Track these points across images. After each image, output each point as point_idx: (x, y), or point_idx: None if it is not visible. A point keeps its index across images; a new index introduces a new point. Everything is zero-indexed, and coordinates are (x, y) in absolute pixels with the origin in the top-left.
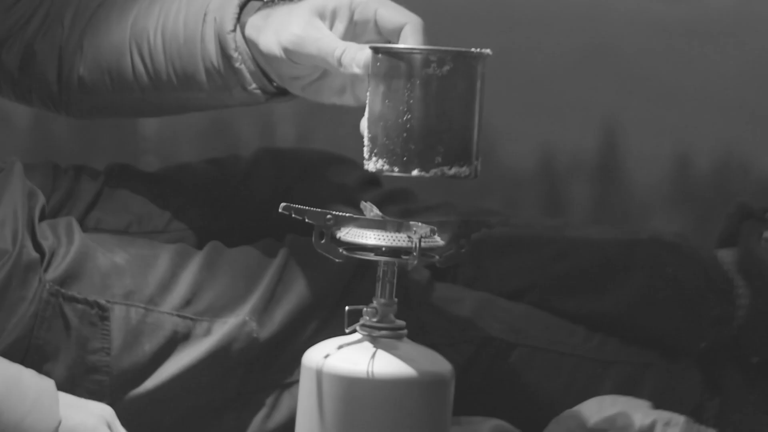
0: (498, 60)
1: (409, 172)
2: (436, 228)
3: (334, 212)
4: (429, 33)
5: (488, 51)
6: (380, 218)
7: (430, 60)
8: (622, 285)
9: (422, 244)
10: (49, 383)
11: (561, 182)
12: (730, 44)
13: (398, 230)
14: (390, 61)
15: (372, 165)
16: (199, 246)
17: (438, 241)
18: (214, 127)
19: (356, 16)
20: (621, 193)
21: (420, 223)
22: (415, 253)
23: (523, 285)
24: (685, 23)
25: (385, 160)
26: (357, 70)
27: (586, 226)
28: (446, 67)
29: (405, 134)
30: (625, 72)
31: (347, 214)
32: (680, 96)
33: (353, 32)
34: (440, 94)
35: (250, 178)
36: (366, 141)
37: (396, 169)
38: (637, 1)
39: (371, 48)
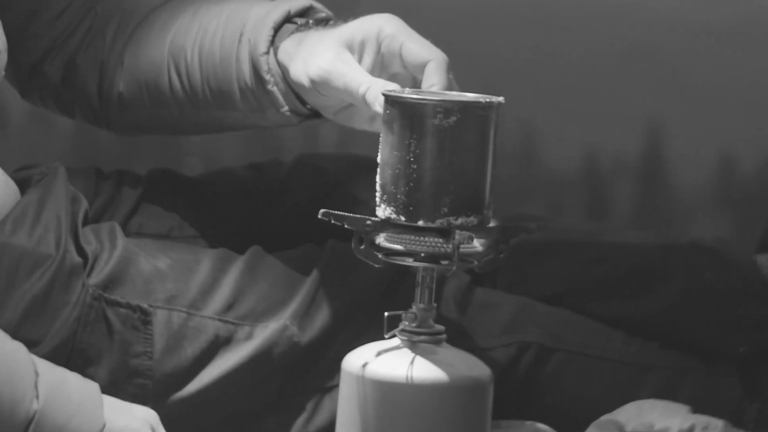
0: (539, 62)
1: (415, 221)
2: (474, 234)
3: (373, 218)
4: (471, 34)
5: (500, 99)
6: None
7: (436, 111)
8: (661, 289)
9: (461, 249)
10: (93, 386)
11: (604, 185)
12: None
13: (437, 236)
14: (397, 109)
15: (381, 212)
16: (241, 251)
17: (476, 246)
18: (257, 131)
19: (383, 49)
20: (664, 195)
21: (458, 230)
22: (454, 259)
23: (562, 289)
24: (729, 24)
25: (392, 208)
26: (379, 110)
27: (624, 231)
28: (453, 118)
29: (411, 184)
30: (668, 74)
31: (387, 220)
32: (724, 98)
33: (381, 63)
34: (447, 145)
35: (291, 183)
36: (377, 187)
37: (403, 218)
38: (681, 1)
39: (383, 94)
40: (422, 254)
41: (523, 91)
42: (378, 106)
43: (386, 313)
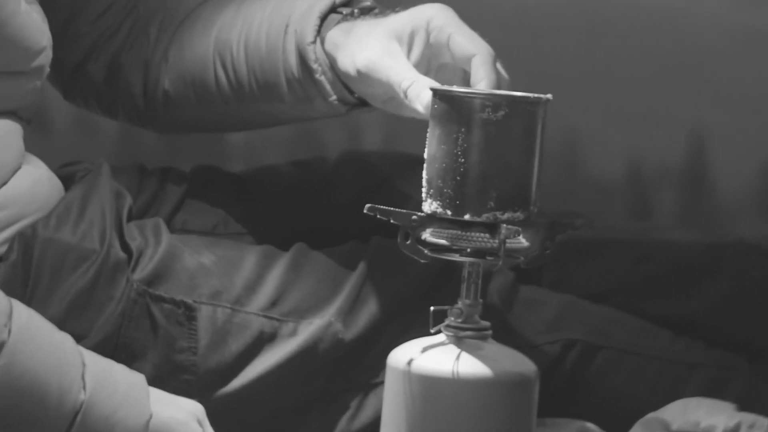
0: (583, 67)
1: (462, 215)
2: (520, 229)
3: (419, 213)
4: (517, 37)
5: (548, 96)
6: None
7: (485, 105)
8: (707, 288)
9: (507, 245)
10: (140, 378)
11: (648, 190)
12: None
13: (483, 231)
14: (445, 103)
15: (427, 206)
16: (285, 247)
17: (523, 242)
18: (301, 132)
19: (432, 40)
20: (708, 200)
21: (505, 224)
22: (500, 254)
23: (608, 287)
24: None
25: (438, 202)
26: (419, 108)
27: (671, 230)
28: (501, 113)
29: (458, 178)
30: (713, 80)
31: (432, 215)
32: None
33: (431, 54)
34: (494, 140)
35: (335, 180)
36: (424, 182)
37: (449, 212)
38: (723, 7)
39: (431, 89)
40: (468, 249)
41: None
42: (419, 104)
43: (432, 308)
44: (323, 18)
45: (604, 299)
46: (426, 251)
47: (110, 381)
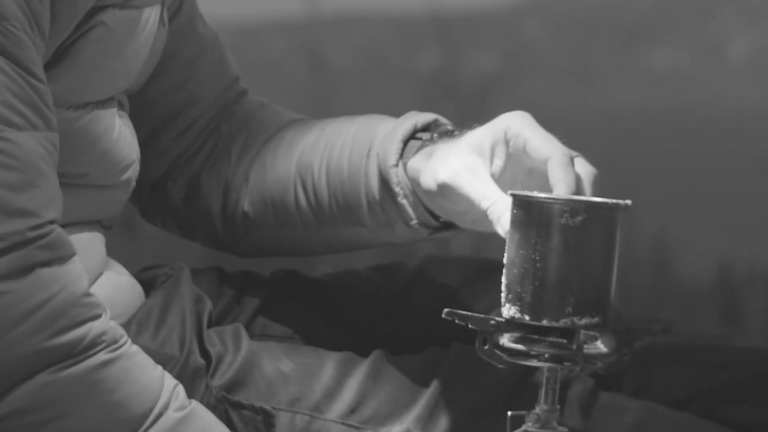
0: (673, 169)
1: (540, 320)
2: (598, 335)
3: (497, 318)
4: (607, 139)
5: (627, 202)
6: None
7: (563, 210)
8: None
9: (585, 350)
10: None
11: (738, 293)
12: None
13: (561, 336)
14: (523, 208)
15: (506, 311)
16: (364, 353)
17: (600, 348)
18: None
19: (510, 148)
20: None
21: (583, 330)
22: (578, 359)
23: (689, 394)
24: None
25: (517, 307)
26: (500, 231)
27: (752, 335)
28: (579, 218)
29: (536, 283)
30: None
31: (510, 320)
32: None
33: (512, 163)
34: (573, 245)
35: (415, 285)
36: (503, 287)
37: (527, 317)
38: None
39: (510, 194)
40: (546, 354)
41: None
42: (499, 226)
43: (509, 413)
44: (405, 141)
45: (684, 406)
46: (504, 356)
47: None
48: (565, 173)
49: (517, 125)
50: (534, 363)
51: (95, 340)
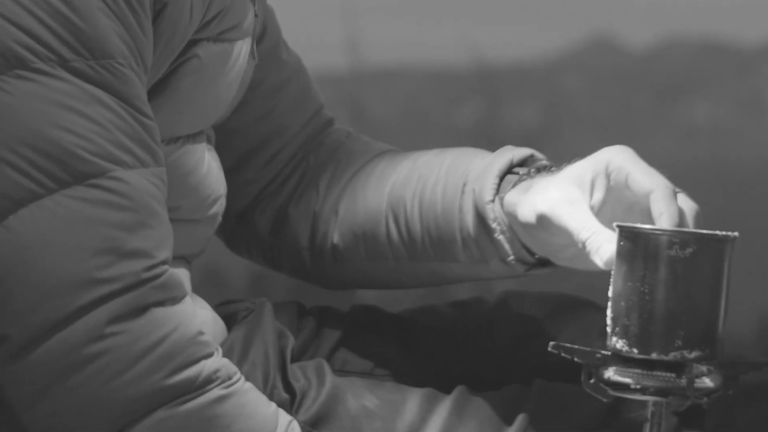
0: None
1: (649, 354)
2: (712, 368)
3: (603, 351)
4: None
5: (735, 234)
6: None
7: (672, 242)
8: None
9: (695, 384)
10: None
11: None
12: None
13: (668, 370)
14: (630, 240)
15: (612, 344)
16: (444, 389)
17: (707, 382)
18: None
19: (612, 182)
20: None
21: (694, 364)
22: (689, 394)
23: None
24: None
25: (624, 341)
26: (598, 263)
27: None
28: (689, 250)
29: (645, 316)
30: None
31: (617, 353)
32: None
33: (613, 198)
34: (682, 277)
35: (494, 321)
36: (608, 320)
37: (635, 350)
38: None
39: (616, 225)
40: (653, 388)
41: None
42: (598, 257)
43: None
44: (502, 177)
45: None
46: (609, 390)
47: None
48: (668, 206)
49: (619, 158)
50: (640, 396)
51: (210, 377)
